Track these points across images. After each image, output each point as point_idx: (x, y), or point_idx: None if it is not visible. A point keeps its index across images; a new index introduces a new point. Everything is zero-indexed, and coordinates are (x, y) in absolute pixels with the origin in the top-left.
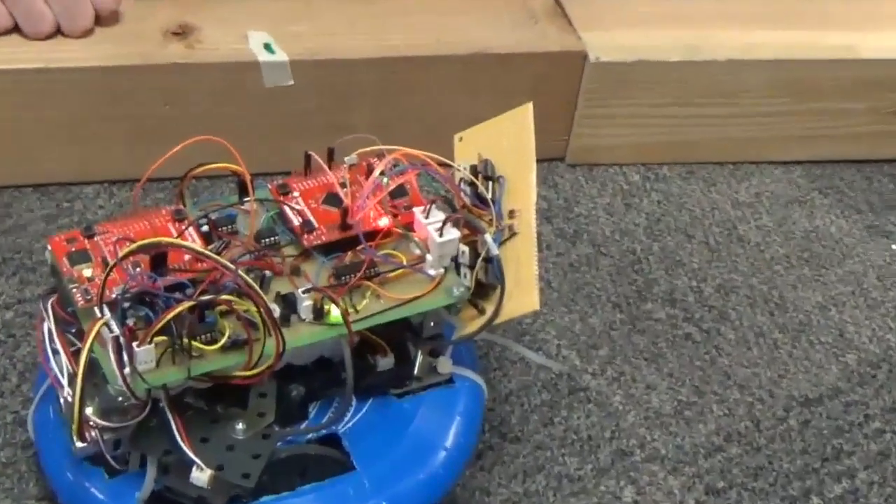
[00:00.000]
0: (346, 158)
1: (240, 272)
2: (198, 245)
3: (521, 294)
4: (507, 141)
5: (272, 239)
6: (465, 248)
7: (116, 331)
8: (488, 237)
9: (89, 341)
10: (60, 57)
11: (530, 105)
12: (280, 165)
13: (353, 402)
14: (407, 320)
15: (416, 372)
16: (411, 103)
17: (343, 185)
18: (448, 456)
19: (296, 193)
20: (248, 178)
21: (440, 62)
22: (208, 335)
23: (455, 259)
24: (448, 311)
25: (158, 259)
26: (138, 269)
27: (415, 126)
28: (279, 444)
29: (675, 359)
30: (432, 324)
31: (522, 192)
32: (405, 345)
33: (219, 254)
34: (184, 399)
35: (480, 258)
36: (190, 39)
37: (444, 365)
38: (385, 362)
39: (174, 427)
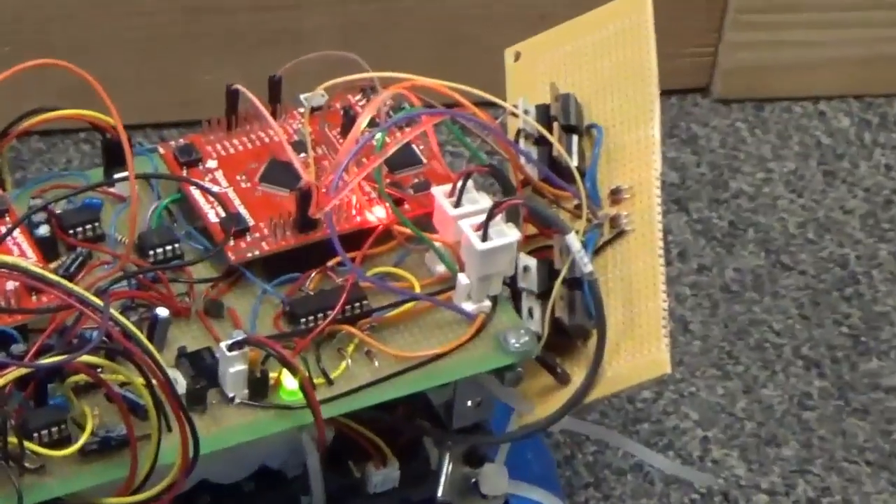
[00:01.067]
0: (303, 97)
1: (112, 312)
2: (32, 263)
3: (638, 347)
4: (605, 58)
5: (169, 249)
6: (532, 263)
7: None
8: (573, 240)
9: None
10: None
11: None
12: (179, 110)
13: None
14: (423, 398)
15: (440, 494)
16: None
17: (299, 147)
18: None
19: (211, 163)
20: (122, 134)
21: None
22: (54, 430)
23: (512, 283)
24: (500, 379)
25: None
26: None
27: (425, 32)
28: None
29: None
30: (469, 403)
31: (636, 155)
32: (419, 444)
33: (71, 278)
34: None
35: (559, 281)
36: None
37: (494, 481)
38: (383, 477)
39: None
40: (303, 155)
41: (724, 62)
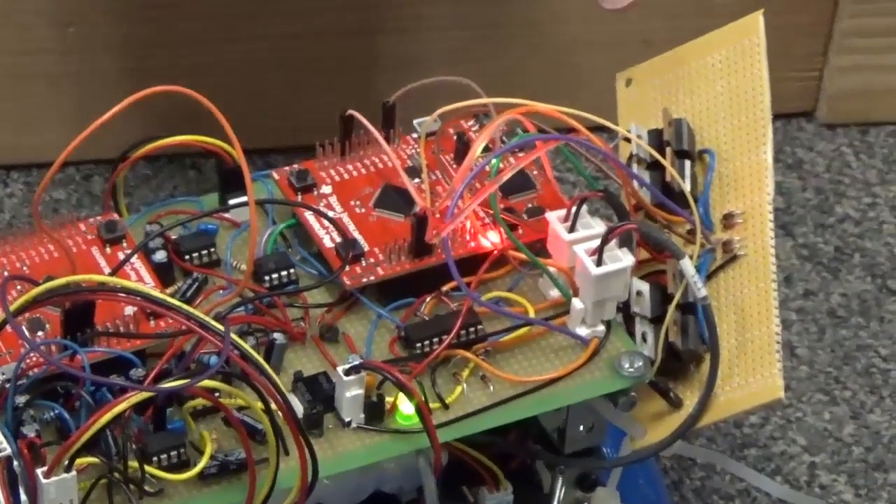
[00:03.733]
0: (416, 122)
1: (233, 336)
2: (151, 288)
3: (751, 371)
4: (717, 82)
5: (285, 274)
6: (645, 287)
7: (6, 448)
8: (687, 265)
9: None
10: None
11: (760, 16)
12: (287, 136)
13: None
14: (536, 423)
15: None
16: (530, 18)
17: (413, 172)
18: None
19: (326, 188)
20: (242, 160)
21: None
22: (173, 454)
23: (625, 307)
24: (614, 403)
25: (79, 315)
26: (41, 334)
27: (529, 58)
28: None
29: None
30: (582, 428)
31: (749, 179)
32: (532, 469)
33: (188, 304)
34: None
35: (673, 305)
36: None
37: None
38: (496, 501)
39: None
40: (416, 180)
41: (830, 86)
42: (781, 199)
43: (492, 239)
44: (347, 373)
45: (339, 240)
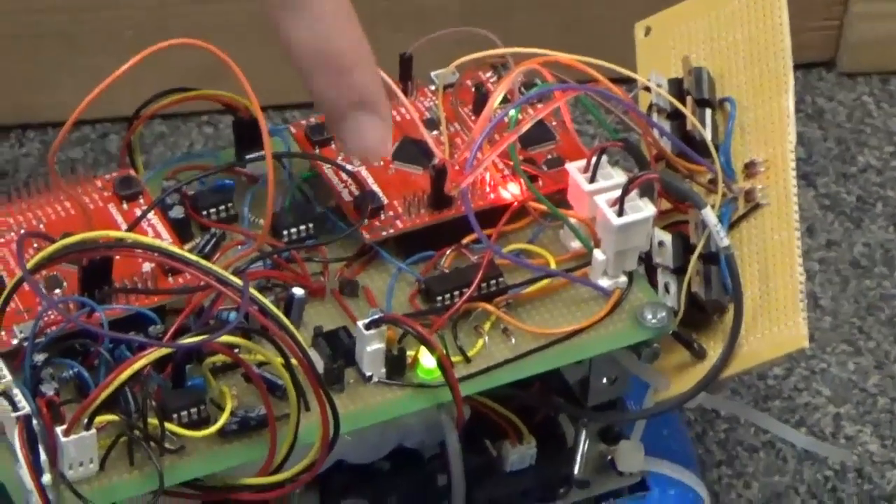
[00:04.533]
0: (434, 74)
1: (252, 291)
2: (168, 244)
3: (775, 321)
4: (737, 31)
5: (303, 228)
6: (667, 238)
7: (25, 406)
8: (709, 214)
9: None
10: None
11: None
12: (303, 92)
13: None
14: (559, 376)
15: (577, 471)
16: None
17: (432, 124)
18: None
19: None
20: (259, 113)
21: None
22: (193, 411)
23: (647, 258)
24: (638, 355)
25: (96, 272)
26: (58, 292)
27: (546, 10)
28: None
29: None
30: (605, 380)
31: (770, 128)
32: (555, 422)
33: (207, 258)
34: None
35: (695, 255)
36: None
37: (631, 458)
38: (519, 455)
39: None
40: (435, 132)
41: (850, 35)
42: (802, 150)
43: (512, 190)
44: (368, 327)
45: (357, 193)
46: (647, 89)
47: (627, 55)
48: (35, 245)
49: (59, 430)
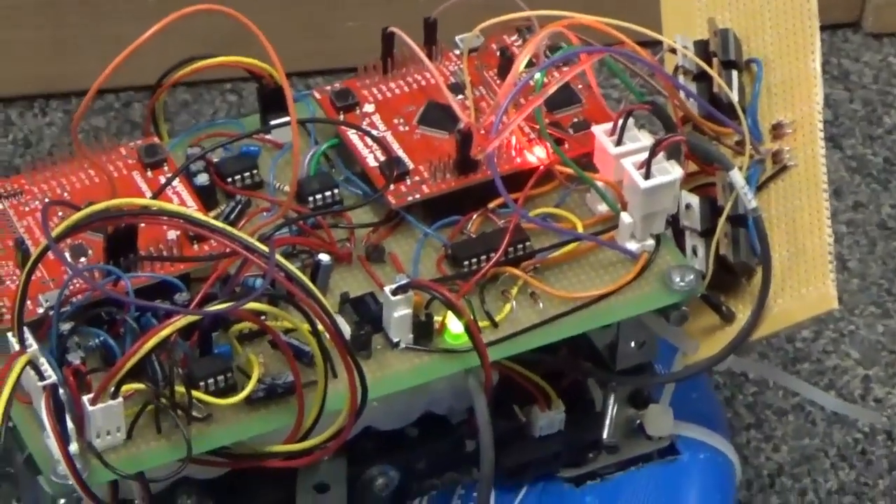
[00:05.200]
0: (458, 38)
1: (278, 258)
2: (193, 210)
3: (803, 282)
4: None
5: (329, 194)
6: (694, 200)
7: (52, 376)
8: (737, 176)
9: (3, 398)
10: None
11: None
12: (324, 59)
13: (493, 499)
14: (587, 340)
15: (606, 436)
16: None
17: (455, 89)
18: None
19: (368, 107)
20: (283, 79)
21: None
22: (220, 379)
23: (674, 221)
24: (666, 318)
25: (121, 239)
26: (83, 261)
27: None
28: None
29: None
30: (633, 344)
31: (797, 89)
32: (583, 387)
33: (232, 225)
34: (177, 502)
35: (723, 218)
36: None
37: (660, 422)
38: (548, 420)
39: None
40: (460, 97)
41: None
42: (829, 112)
43: (538, 154)
44: (395, 292)
45: (382, 158)
46: (673, 51)
47: (653, 17)
48: (59, 213)
49: (85, 398)
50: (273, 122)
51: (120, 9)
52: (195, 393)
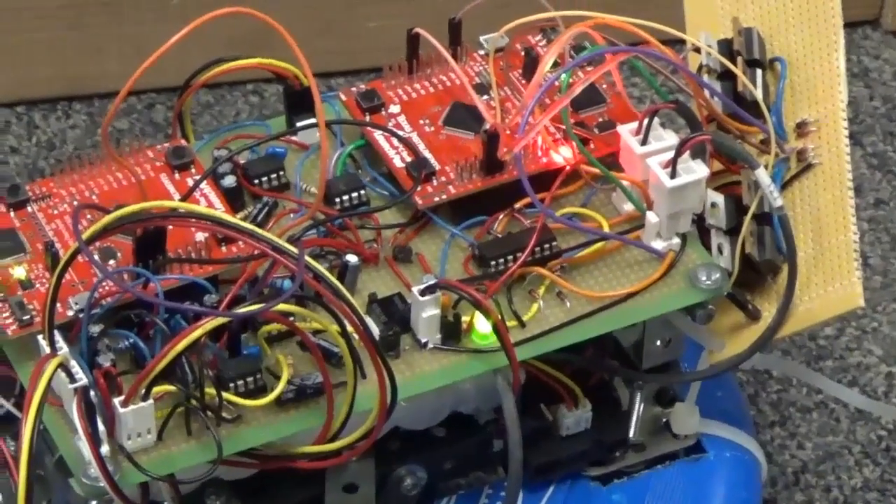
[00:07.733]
0: (483, 38)
1: (307, 259)
2: (222, 212)
3: (829, 280)
4: None
5: (356, 196)
6: (719, 199)
7: (82, 378)
8: (763, 175)
9: (34, 401)
10: None
11: None
12: (346, 59)
13: (521, 498)
14: (612, 339)
15: (632, 434)
16: None
17: (482, 89)
18: None
19: (394, 108)
20: (311, 80)
21: None
22: (249, 380)
23: (699, 220)
24: (692, 317)
25: (150, 242)
26: (113, 263)
27: None
28: None
29: None
30: (659, 343)
31: (821, 87)
32: (610, 385)
33: (260, 227)
34: (205, 502)
35: (748, 216)
36: None
37: (686, 420)
38: (575, 419)
39: None
40: (485, 97)
41: None
42: (849, 109)
43: (564, 154)
44: (423, 293)
45: (409, 159)
46: (697, 50)
47: (677, 17)
48: (88, 216)
49: (116, 401)
50: (300, 124)
51: (142, 11)
52: (225, 394)
